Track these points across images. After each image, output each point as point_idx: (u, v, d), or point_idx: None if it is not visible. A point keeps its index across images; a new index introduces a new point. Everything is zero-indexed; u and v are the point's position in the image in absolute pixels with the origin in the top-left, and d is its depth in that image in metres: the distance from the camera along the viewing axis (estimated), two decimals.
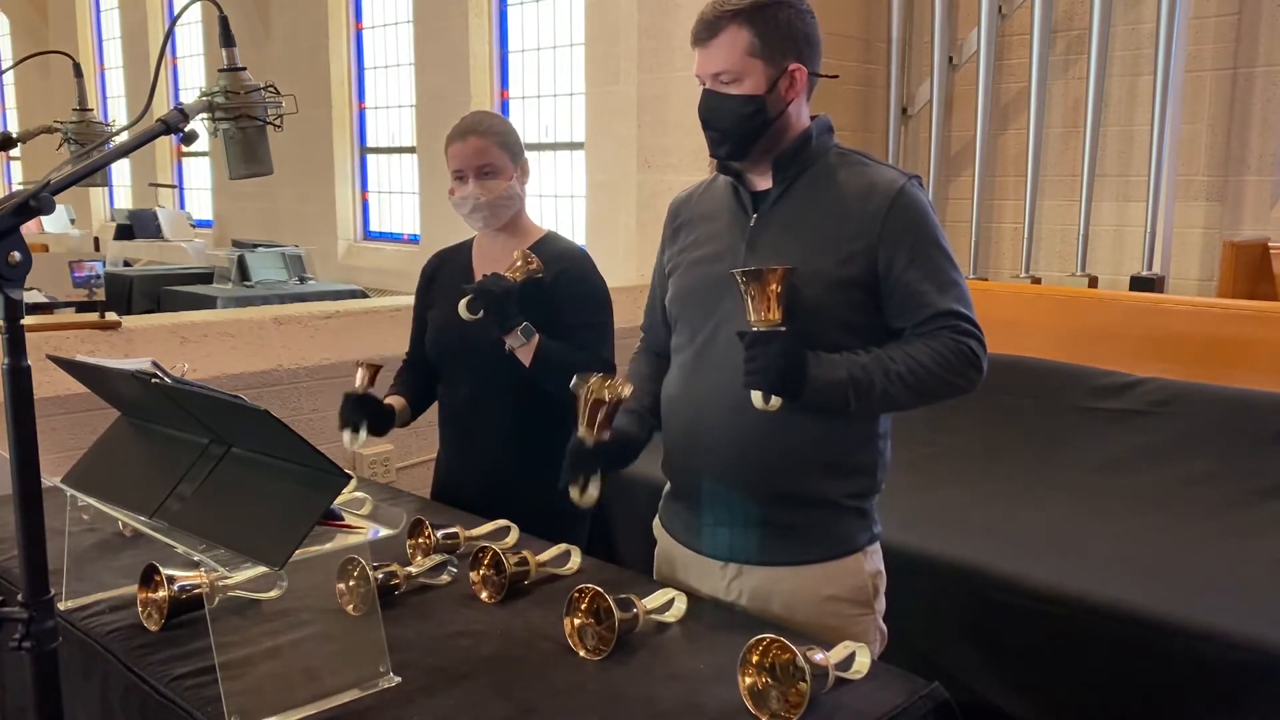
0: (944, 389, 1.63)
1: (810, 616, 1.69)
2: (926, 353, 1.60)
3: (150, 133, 1.31)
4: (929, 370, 1.60)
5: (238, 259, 7.27)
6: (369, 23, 8.99)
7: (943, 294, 1.62)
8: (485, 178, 2.20)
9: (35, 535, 1.22)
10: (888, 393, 1.59)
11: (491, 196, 2.21)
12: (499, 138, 2.21)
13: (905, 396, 1.61)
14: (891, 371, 1.59)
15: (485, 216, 2.23)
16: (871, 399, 1.60)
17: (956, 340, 1.61)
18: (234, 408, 1.43)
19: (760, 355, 1.54)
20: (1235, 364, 3.12)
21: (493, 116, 2.30)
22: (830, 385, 1.58)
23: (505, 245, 2.27)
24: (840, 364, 1.59)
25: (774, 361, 1.54)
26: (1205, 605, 2.34)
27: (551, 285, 2.18)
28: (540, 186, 7.47)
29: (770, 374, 1.54)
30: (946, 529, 2.81)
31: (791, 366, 1.55)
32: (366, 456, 3.45)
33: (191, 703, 1.41)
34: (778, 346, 1.54)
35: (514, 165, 2.24)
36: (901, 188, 1.64)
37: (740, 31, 1.62)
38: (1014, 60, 4.51)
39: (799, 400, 1.57)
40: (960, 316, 1.63)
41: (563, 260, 2.22)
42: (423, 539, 1.91)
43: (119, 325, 3.12)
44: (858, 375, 1.58)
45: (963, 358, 1.61)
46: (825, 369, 1.58)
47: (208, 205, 10.98)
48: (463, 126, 2.23)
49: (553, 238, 2.31)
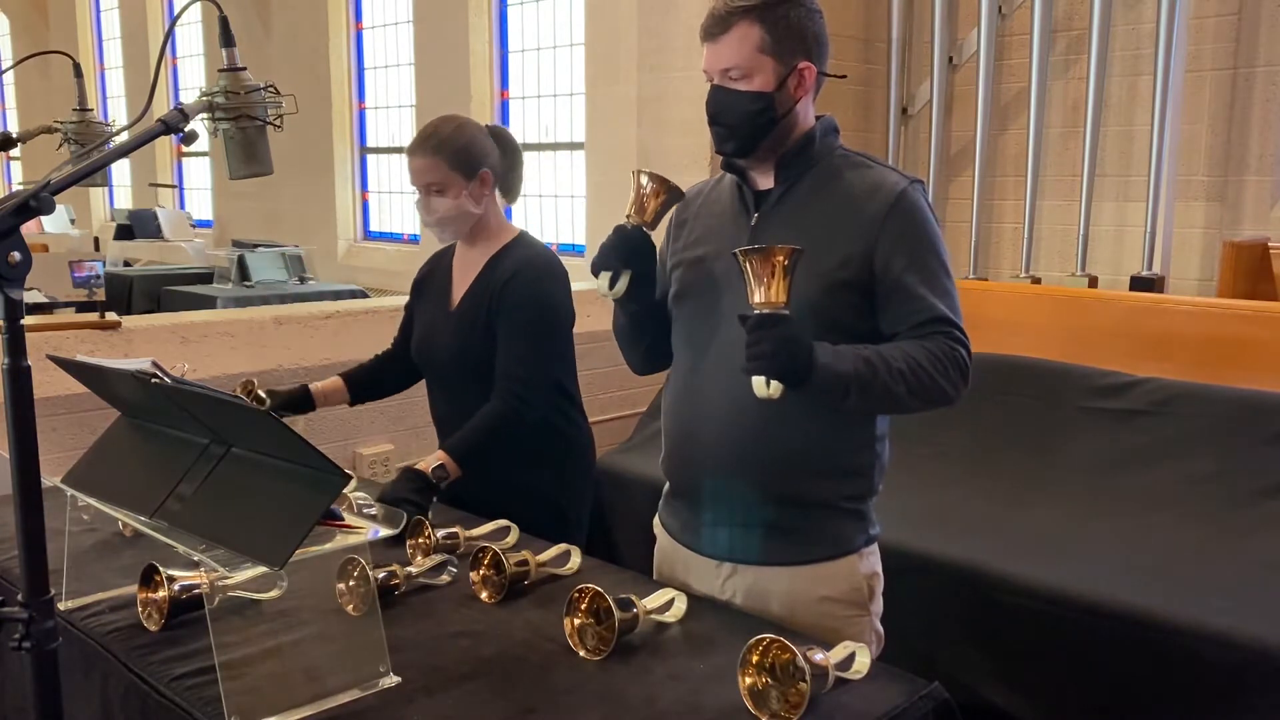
0: (935, 393, 1.59)
1: (804, 617, 1.69)
2: (923, 354, 1.58)
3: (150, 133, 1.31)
4: (926, 371, 1.58)
5: (238, 259, 7.27)
6: (369, 23, 8.99)
7: (938, 300, 1.61)
8: (433, 195, 2.20)
9: (35, 535, 1.22)
10: (888, 389, 1.55)
11: (436, 216, 2.21)
12: (449, 155, 2.18)
13: (903, 395, 1.57)
14: (894, 369, 1.56)
15: (438, 232, 2.26)
16: (872, 395, 1.55)
17: (950, 346, 1.60)
18: (234, 408, 1.43)
19: (764, 339, 1.45)
20: (1235, 364, 3.12)
21: (448, 127, 2.22)
22: (836, 377, 1.51)
23: (478, 250, 2.30)
24: (846, 355, 1.53)
25: (779, 346, 1.45)
26: (1205, 605, 2.34)
27: (500, 291, 2.20)
28: (540, 186, 7.47)
29: (775, 359, 1.45)
30: (946, 529, 2.81)
31: (798, 352, 1.47)
32: (366, 456, 3.46)
33: (191, 703, 1.40)
34: (783, 330, 1.45)
35: (466, 180, 2.20)
36: (903, 191, 1.63)
37: (751, 28, 1.62)
38: (1014, 60, 4.51)
39: (804, 389, 1.50)
40: (954, 324, 1.62)
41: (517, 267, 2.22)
42: (423, 539, 1.91)
43: (119, 325, 3.12)
44: (862, 370, 1.54)
45: (955, 363, 1.60)
46: (833, 359, 1.51)
47: (208, 205, 10.98)
48: (415, 140, 2.21)
49: (518, 242, 2.30)
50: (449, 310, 2.30)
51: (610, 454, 3.59)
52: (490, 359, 2.20)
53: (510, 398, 2.17)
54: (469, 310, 2.25)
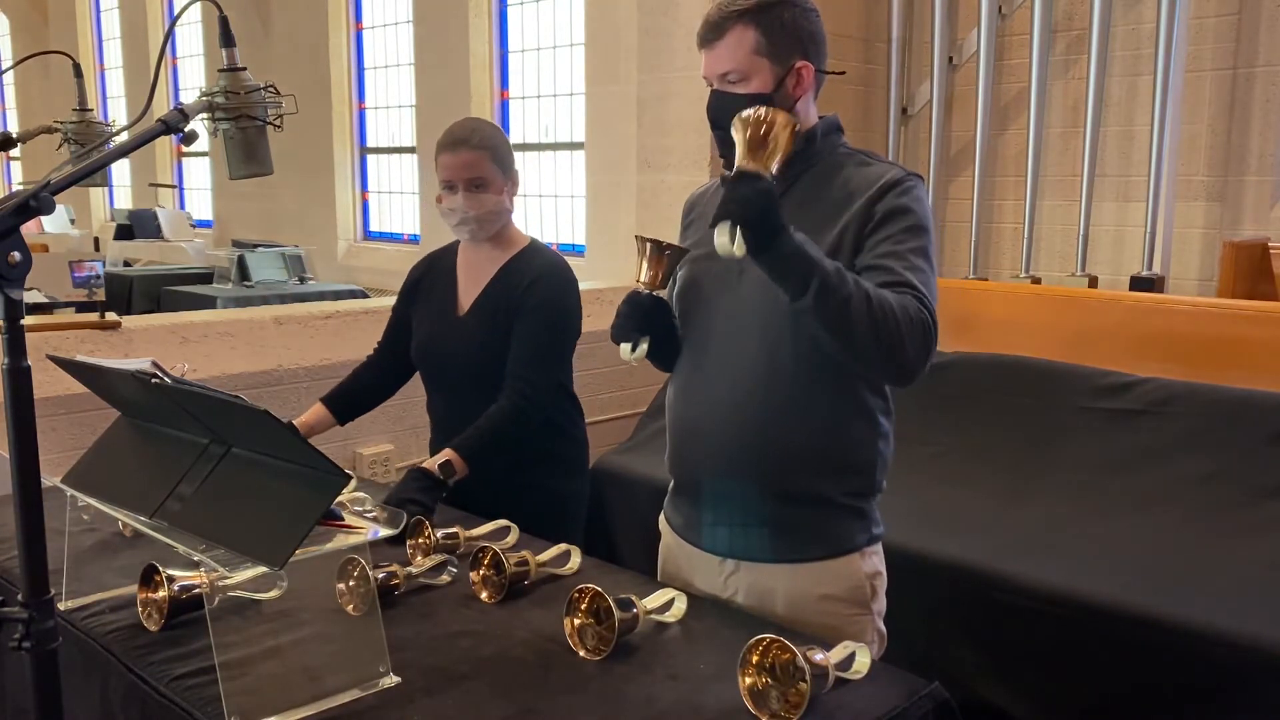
0: (896, 345, 1.49)
1: (806, 615, 1.69)
2: (894, 300, 1.51)
3: (150, 133, 1.31)
4: (894, 315, 1.49)
5: (238, 259, 7.27)
6: (369, 23, 8.99)
7: (909, 272, 1.56)
8: (475, 191, 2.19)
9: (35, 535, 1.22)
10: (848, 304, 1.45)
11: (480, 211, 2.20)
12: (491, 151, 2.19)
13: (863, 324, 1.46)
14: (861, 289, 1.48)
15: (473, 229, 2.23)
16: (834, 301, 1.45)
17: (920, 310, 1.52)
18: (234, 408, 1.43)
19: (743, 189, 1.41)
20: (1235, 364, 3.12)
21: (485, 125, 2.27)
22: (801, 257, 1.44)
23: (490, 255, 2.28)
24: (819, 251, 1.48)
25: (754, 198, 1.40)
26: (1205, 605, 2.34)
27: (520, 296, 2.20)
28: (540, 186, 7.47)
29: (746, 206, 1.40)
30: (946, 529, 2.81)
31: (771, 210, 1.41)
32: (366, 456, 3.46)
33: (191, 703, 1.40)
34: (763, 186, 1.41)
35: (504, 178, 2.22)
36: (900, 179, 1.63)
37: (746, 31, 1.63)
38: (1014, 60, 4.51)
39: (767, 249, 1.42)
40: (925, 297, 1.55)
41: (538, 274, 2.23)
42: (423, 539, 1.91)
43: (119, 325, 3.12)
44: (831, 270, 1.46)
45: (923, 328, 1.52)
46: (805, 241, 1.46)
47: (208, 205, 10.98)
48: (454, 136, 2.20)
49: (534, 249, 2.30)
50: (456, 315, 2.29)
51: (610, 454, 3.59)
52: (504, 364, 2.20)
53: (520, 398, 2.17)
54: (484, 316, 2.25)
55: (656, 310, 1.72)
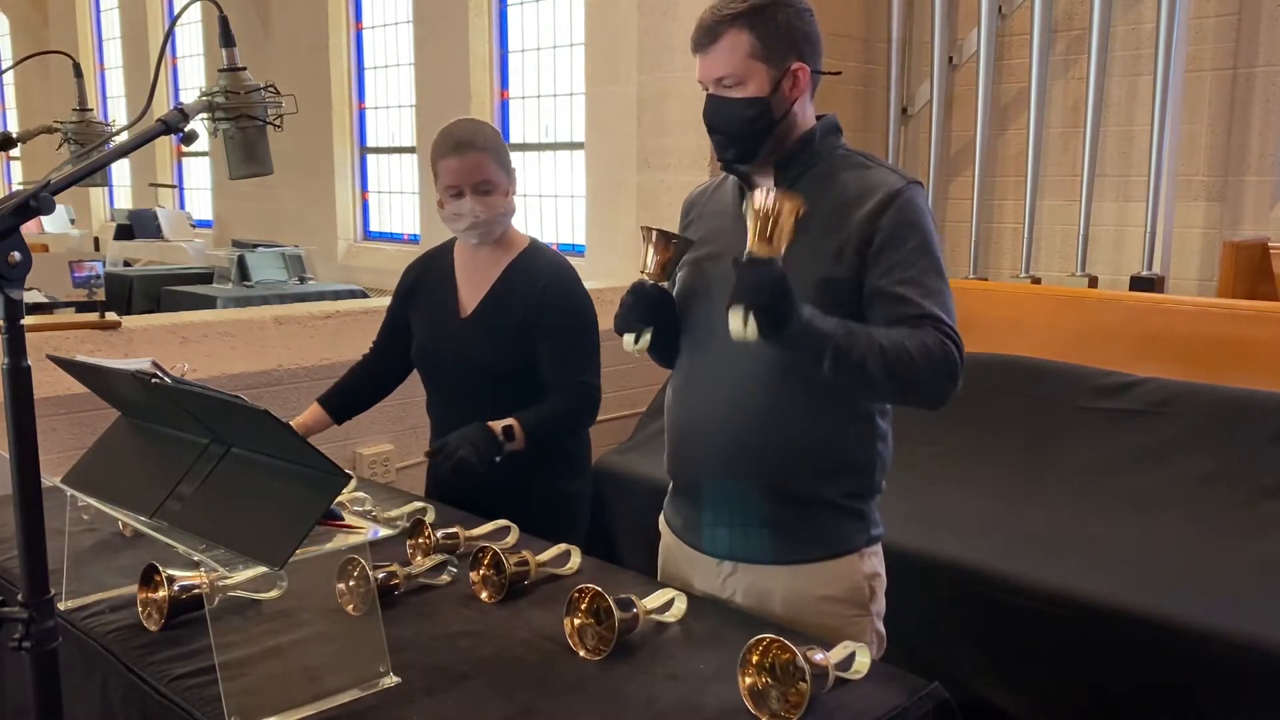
0: (918, 383, 1.55)
1: (804, 617, 1.69)
2: (913, 342, 1.54)
3: (150, 133, 1.31)
4: (911, 356, 1.53)
5: (238, 259, 7.27)
6: (369, 23, 8.99)
7: (927, 300, 1.58)
8: (484, 194, 2.18)
9: (35, 535, 1.22)
10: (864, 364, 1.51)
11: (491, 214, 2.19)
12: (494, 152, 2.18)
13: (880, 376, 1.52)
14: (874, 343, 1.52)
15: (483, 233, 2.23)
16: (849, 365, 1.51)
17: (941, 341, 1.56)
18: (234, 408, 1.43)
19: (755, 275, 1.46)
20: (1235, 364, 3.12)
21: (484, 126, 2.25)
22: (816, 333, 1.50)
23: (491, 256, 2.28)
24: (829, 319, 1.53)
25: (765, 282, 1.45)
26: (1205, 605, 2.34)
27: (538, 301, 2.19)
28: (540, 186, 7.47)
29: (759, 293, 1.45)
30: (946, 529, 2.82)
31: (783, 294, 1.46)
32: (366, 456, 3.46)
33: (191, 703, 1.41)
34: (773, 270, 1.46)
35: (507, 178, 2.22)
36: (900, 190, 1.63)
37: (740, 35, 1.62)
38: (1014, 60, 4.51)
39: (782, 334, 1.47)
40: (944, 322, 1.58)
41: (549, 275, 2.23)
42: (423, 539, 1.91)
43: (119, 325, 3.12)
44: (841, 336, 1.51)
45: (945, 358, 1.56)
46: (816, 315, 1.51)
47: (208, 205, 10.98)
48: (457, 139, 2.17)
49: (535, 250, 2.30)
50: (460, 317, 2.28)
51: (610, 454, 3.59)
52: (514, 365, 2.20)
53: (583, 398, 2.21)
54: (490, 318, 2.24)
55: (661, 302, 1.72)
